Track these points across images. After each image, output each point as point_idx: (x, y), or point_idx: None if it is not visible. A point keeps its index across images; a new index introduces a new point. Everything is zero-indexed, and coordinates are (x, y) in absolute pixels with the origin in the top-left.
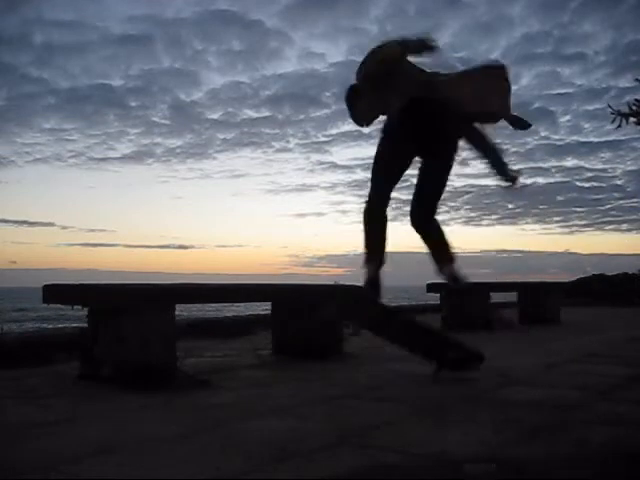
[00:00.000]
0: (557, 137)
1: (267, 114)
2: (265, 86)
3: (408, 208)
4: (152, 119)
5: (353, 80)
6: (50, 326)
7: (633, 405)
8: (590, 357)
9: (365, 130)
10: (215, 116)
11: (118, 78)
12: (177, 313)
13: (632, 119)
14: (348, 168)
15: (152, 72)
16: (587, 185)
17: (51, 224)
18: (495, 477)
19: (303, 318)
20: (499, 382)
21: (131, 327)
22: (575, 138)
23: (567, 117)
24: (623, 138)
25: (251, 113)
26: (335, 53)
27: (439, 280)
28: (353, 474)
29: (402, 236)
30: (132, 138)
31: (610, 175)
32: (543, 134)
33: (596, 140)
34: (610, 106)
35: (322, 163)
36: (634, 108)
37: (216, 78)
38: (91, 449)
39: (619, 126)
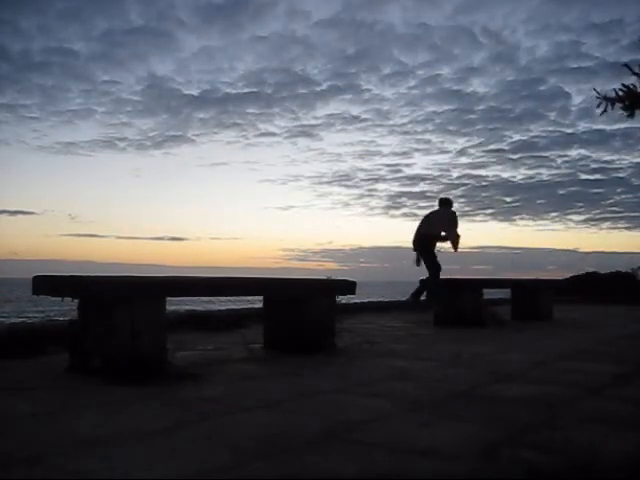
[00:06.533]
0: (567, 122)
1: None
2: None
3: (401, 200)
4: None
5: None
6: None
7: (621, 403)
8: (580, 354)
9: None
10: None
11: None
12: (168, 306)
13: (618, 104)
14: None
15: None
16: (592, 178)
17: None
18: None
19: (294, 313)
20: (490, 378)
21: (121, 319)
22: (587, 125)
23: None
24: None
25: None
26: None
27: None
28: (340, 470)
29: (393, 231)
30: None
31: (616, 167)
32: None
33: (608, 128)
34: (595, 90)
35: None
36: (620, 94)
37: None
38: (77, 441)
39: (604, 111)
